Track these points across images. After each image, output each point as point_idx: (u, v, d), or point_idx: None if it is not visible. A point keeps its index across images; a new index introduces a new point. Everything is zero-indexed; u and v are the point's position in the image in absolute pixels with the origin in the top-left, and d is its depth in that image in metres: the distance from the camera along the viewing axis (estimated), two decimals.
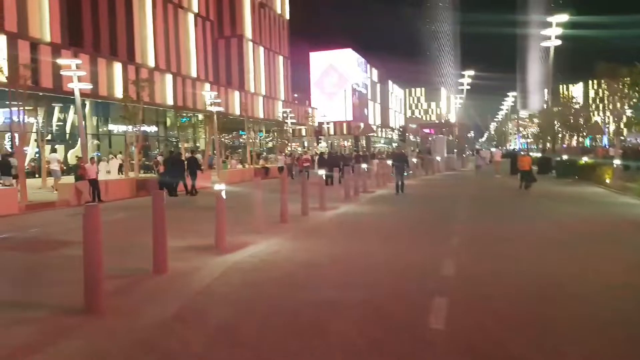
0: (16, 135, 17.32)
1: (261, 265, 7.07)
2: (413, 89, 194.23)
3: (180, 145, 32.78)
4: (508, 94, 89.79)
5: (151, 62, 35.74)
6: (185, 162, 19.05)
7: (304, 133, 69.39)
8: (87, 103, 31.35)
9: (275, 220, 10.80)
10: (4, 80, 17.38)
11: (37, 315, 5.03)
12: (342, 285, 5.99)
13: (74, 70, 17.62)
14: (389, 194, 17.58)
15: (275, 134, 49.10)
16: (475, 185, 22.26)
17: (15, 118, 17.25)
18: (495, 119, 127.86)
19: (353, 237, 9.40)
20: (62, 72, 18.89)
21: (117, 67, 30.90)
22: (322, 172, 13.99)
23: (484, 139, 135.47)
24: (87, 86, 20.21)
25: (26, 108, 19.24)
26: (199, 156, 24.89)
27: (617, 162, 19.62)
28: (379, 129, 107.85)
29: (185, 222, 11.07)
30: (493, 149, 57.51)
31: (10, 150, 24.45)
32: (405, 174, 18.15)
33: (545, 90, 42.09)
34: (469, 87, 62.83)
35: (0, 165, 19.06)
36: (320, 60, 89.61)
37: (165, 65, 37.50)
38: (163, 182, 17.37)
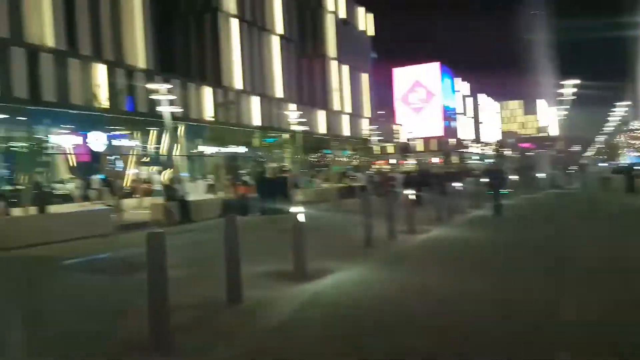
0: (116, 157, 18.27)
1: (343, 299, 6.27)
2: (508, 102, 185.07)
3: (265, 166, 33.24)
4: (616, 104, 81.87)
5: (238, 85, 36.80)
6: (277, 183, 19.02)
7: (390, 150, 68.29)
8: (181, 126, 32.84)
9: (359, 244, 9.98)
10: (101, 105, 18.41)
11: (96, 350, 4.65)
12: (435, 332, 4.97)
13: (164, 94, 18.30)
14: (485, 216, 16.07)
15: (361, 152, 48.51)
16: (588, 205, 19.87)
17: (116, 142, 18.20)
18: (601, 132, 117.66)
19: (447, 267, 8.29)
20: (152, 97, 19.72)
21: (207, 91, 32.08)
22: (409, 192, 12.98)
23: (588, 153, 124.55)
24: (177, 110, 20.95)
25: (125, 132, 20.29)
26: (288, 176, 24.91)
27: None
28: (472, 145, 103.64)
29: (269, 244, 10.59)
30: (602, 164, 52.29)
31: (113, 171, 26.20)
32: (504, 191, 16.52)
33: None
34: (574, 97, 58.16)
35: (108, 186, 20.38)
36: (405, 76, 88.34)
37: (250, 87, 38.47)
38: (243, 203, 17.33)
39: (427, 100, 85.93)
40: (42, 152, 18.56)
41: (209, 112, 30.90)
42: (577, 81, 57.05)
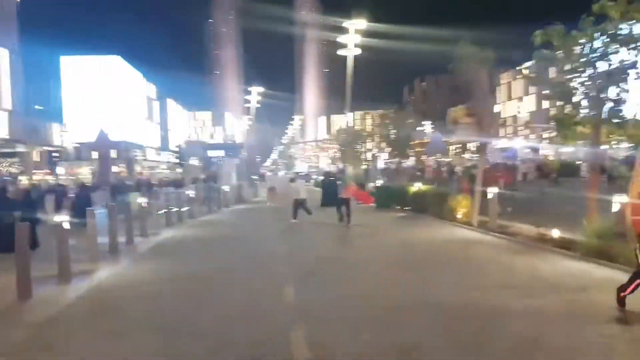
0: None
1: None
2: (198, 112, 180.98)
3: None
4: (294, 117, 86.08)
5: None
6: None
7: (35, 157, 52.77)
8: None
9: None
10: None
11: None
12: None
13: None
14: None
15: None
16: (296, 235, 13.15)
17: None
18: (282, 143, 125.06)
19: None
20: None
21: None
22: None
23: (267, 163, 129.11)
24: None
25: None
26: None
27: None
28: (158, 152, 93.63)
29: None
30: (282, 173, 49.64)
31: None
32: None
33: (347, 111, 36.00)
34: (258, 106, 55.75)
35: None
36: (77, 67, 71.84)
37: None
38: None
39: (104, 99, 71.61)
40: None
41: None
42: (261, 89, 55.44)
